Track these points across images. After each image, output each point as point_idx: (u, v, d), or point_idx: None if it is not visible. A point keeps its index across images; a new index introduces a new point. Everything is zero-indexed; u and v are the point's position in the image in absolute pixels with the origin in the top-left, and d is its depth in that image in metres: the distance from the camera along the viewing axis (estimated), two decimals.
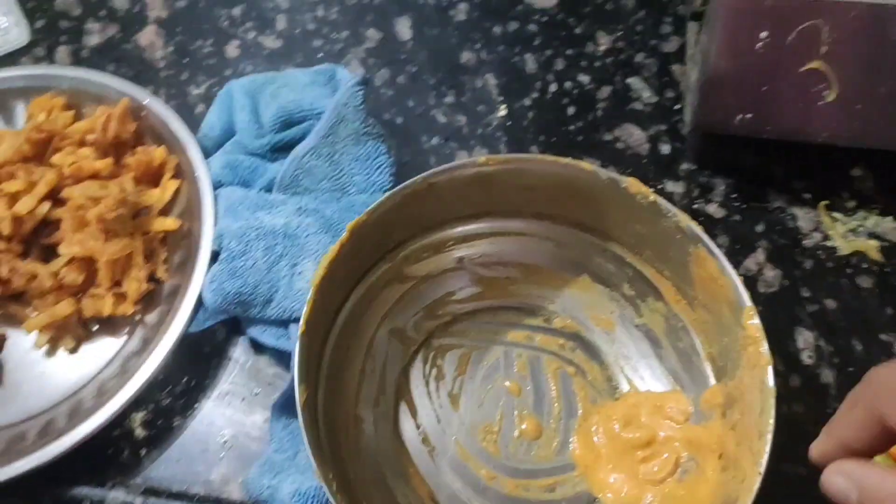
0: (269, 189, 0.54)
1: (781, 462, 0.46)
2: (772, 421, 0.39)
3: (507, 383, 0.49)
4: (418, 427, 0.48)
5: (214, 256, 0.51)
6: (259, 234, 0.51)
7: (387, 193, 0.47)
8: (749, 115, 0.51)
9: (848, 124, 0.50)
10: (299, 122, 0.55)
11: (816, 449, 0.35)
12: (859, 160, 0.56)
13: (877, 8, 0.45)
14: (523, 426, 0.48)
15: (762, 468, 0.38)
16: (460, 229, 0.51)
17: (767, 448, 0.38)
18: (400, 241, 0.50)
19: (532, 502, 0.46)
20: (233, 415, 0.50)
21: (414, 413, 0.48)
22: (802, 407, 0.48)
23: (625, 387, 0.48)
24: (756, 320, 0.42)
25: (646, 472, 0.44)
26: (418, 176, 0.47)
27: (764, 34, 0.47)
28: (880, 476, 0.31)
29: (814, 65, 0.48)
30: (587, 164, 0.47)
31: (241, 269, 0.50)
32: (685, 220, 0.45)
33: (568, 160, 0.47)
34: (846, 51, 0.47)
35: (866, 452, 0.33)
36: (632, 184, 0.46)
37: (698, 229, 0.44)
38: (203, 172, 0.54)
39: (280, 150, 0.56)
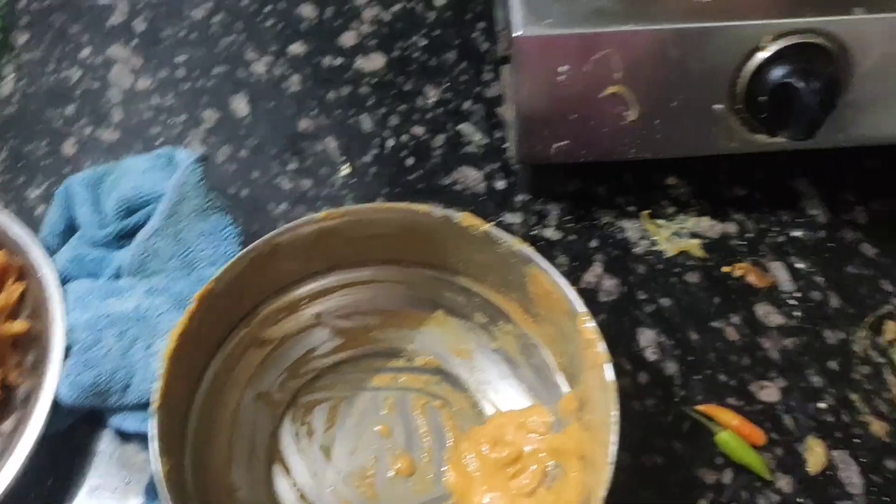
0: (117, 276, 0.54)
1: (640, 455, 0.49)
2: (615, 412, 0.42)
3: (378, 427, 0.50)
4: (294, 485, 0.48)
5: (68, 352, 0.50)
6: (110, 321, 0.50)
7: (232, 259, 0.48)
8: (565, 143, 0.55)
9: (651, 139, 0.54)
10: (141, 207, 0.56)
11: None
12: (671, 170, 0.61)
13: (656, 32, 0.51)
14: (398, 465, 0.49)
15: (612, 458, 0.40)
16: (312, 286, 0.52)
17: (614, 438, 0.41)
18: (253, 306, 0.51)
19: None
20: None
21: (288, 472, 0.49)
22: (654, 400, 0.51)
23: (489, 410, 0.50)
24: (590, 324, 0.45)
25: (517, 487, 0.46)
26: (260, 239, 0.48)
27: (563, 67, 0.52)
28: None
29: (612, 89, 0.53)
30: (421, 206, 0.49)
31: (94, 358, 0.49)
32: (517, 244, 0.48)
33: (403, 204, 0.50)
34: (638, 73, 0.52)
35: None
36: (464, 218, 0.49)
37: (529, 250, 0.47)
38: (48, 271, 0.54)
39: (125, 237, 0.56)
